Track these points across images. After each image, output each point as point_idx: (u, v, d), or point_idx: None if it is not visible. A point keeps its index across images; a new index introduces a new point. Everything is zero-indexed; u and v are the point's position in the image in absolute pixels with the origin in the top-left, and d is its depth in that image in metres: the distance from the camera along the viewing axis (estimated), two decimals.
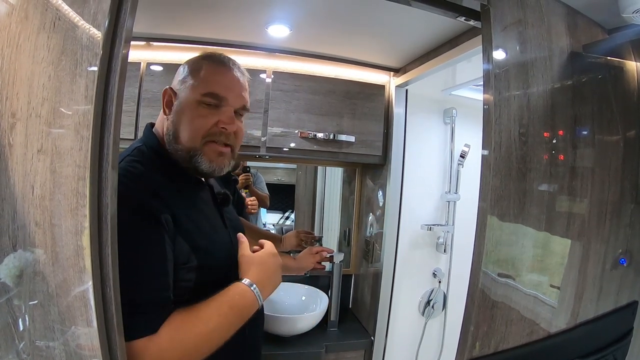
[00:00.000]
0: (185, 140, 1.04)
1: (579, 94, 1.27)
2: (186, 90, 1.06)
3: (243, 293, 0.99)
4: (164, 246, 0.90)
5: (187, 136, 1.04)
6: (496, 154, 1.08)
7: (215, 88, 1.05)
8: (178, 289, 0.95)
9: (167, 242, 0.90)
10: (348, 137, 1.94)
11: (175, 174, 1.06)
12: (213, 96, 1.05)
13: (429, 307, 2.29)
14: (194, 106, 1.04)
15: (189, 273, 0.97)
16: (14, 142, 0.70)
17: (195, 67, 1.08)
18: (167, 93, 1.09)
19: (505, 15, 1.14)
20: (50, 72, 0.70)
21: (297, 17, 1.54)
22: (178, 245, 0.94)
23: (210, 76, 1.06)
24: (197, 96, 1.04)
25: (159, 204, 0.92)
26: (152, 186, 0.96)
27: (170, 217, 0.92)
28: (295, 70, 1.93)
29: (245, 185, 2.26)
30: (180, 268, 0.94)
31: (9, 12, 0.72)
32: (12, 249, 0.71)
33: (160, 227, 0.89)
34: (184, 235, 0.95)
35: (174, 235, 0.93)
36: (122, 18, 0.73)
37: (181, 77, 1.09)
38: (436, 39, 1.63)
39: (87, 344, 0.72)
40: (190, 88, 1.05)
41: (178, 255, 0.94)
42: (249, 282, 1.01)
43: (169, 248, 0.91)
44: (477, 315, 1.11)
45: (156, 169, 1.03)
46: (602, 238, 1.36)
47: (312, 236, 1.95)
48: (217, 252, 1.06)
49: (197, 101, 1.04)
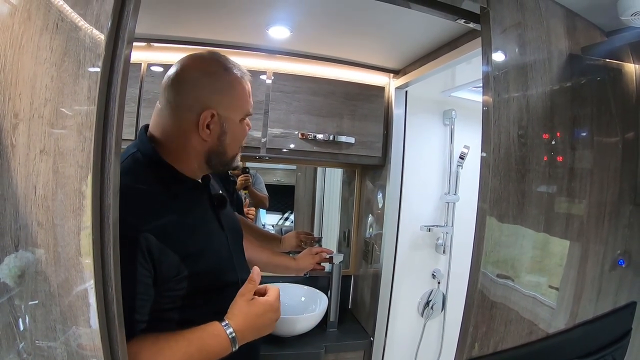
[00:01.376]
0: (231, 153, 1.15)
1: (578, 96, 1.28)
2: (231, 113, 1.11)
3: (218, 336, 0.97)
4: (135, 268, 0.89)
5: (233, 149, 1.16)
6: (495, 155, 1.09)
7: (249, 107, 1.17)
8: (169, 297, 0.97)
9: (141, 262, 0.90)
10: (348, 139, 1.94)
11: (170, 180, 1.07)
12: (248, 114, 1.18)
13: (428, 308, 2.29)
14: (239, 125, 1.15)
15: (180, 283, 0.98)
16: (17, 143, 0.71)
17: (230, 86, 1.11)
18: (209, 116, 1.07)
19: (504, 17, 1.14)
20: (53, 73, 0.70)
21: (297, 18, 1.54)
22: (167, 259, 0.94)
23: (243, 95, 1.14)
24: (240, 116, 1.14)
25: (140, 221, 0.92)
26: (136, 200, 0.94)
27: (152, 235, 0.92)
28: (295, 71, 1.94)
29: (245, 186, 2.26)
30: (170, 281, 0.96)
31: (12, 12, 0.73)
32: (15, 249, 0.71)
33: (134, 248, 0.89)
34: (173, 246, 0.96)
35: (160, 249, 0.93)
36: (124, 20, 0.74)
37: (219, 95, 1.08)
38: (436, 41, 1.63)
39: (88, 343, 0.72)
40: (232, 111, 1.12)
41: (167, 269, 0.94)
42: (227, 326, 0.98)
43: (141, 269, 0.90)
44: (476, 315, 1.11)
45: (150, 176, 1.04)
46: (601, 239, 1.36)
47: (311, 237, 1.96)
48: (210, 257, 1.07)
49: (239, 121, 1.15)
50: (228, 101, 1.10)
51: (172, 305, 0.98)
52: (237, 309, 1.03)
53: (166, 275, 0.94)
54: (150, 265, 0.91)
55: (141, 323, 0.90)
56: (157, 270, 0.93)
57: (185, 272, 0.97)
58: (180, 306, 0.99)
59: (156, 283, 0.93)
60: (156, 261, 0.92)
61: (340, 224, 2.50)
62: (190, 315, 0.99)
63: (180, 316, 1.00)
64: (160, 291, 0.94)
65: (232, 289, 1.09)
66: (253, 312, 1.03)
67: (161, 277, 0.94)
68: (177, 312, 0.99)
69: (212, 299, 1.06)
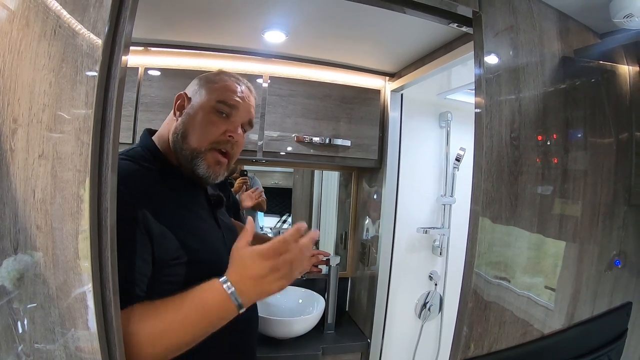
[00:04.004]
0: (192, 142, 1.09)
1: (571, 98, 1.29)
2: (202, 96, 1.13)
3: (216, 290, 0.88)
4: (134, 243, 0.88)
5: (195, 138, 1.09)
6: (487, 157, 1.10)
7: (229, 98, 1.13)
8: (167, 283, 0.94)
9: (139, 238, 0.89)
10: (344, 141, 1.95)
11: (169, 174, 1.09)
12: (226, 104, 1.12)
13: (425, 310, 2.30)
14: (207, 111, 1.11)
15: (179, 268, 0.97)
16: (16, 147, 0.72)
17: (211, 79, 1.17)
18: (181, 97, 1.16)
19: (497, 21, 1.15)
20: (51, 79, 0.71)
21: (293, 23, 1.56)
22: (165, 239, 0.94)
23: (225, 87, 1.15)
24: (211, 102, 1.11)
25: (138, 201, 0.92)
26: (136, 180, 0.98)
27: (149, 213, 0.91)
28: (291, 75, 1.95)
29: (242, 188, 2.26)
30: (169, 264, 0.95)
31: (10, 19, 0.74)
32: (14, 252, 0.72)
33: (132, 224, 0.88)
34: (171, 228, 0.96)
35: (158, 228, 0.92)
36: (121, 26, 0.75)
37: (196, 86, 1.16)
38: (431, 44, 1.65)
39: (86, 346, 0.73)
40: (205, 95, 1.13)
41: (167, 250, 0.94)
42: (224, 281, 0.89)
43: (139, 245, 0.88)
44: (471, 316, 1.12)
45: (148, 165, 1.06)
46: (595, 240, 1.37)
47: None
48: (209, 251, 1.06)
49: (211, 107, 1.11)
50: (202, 86, 1.15)
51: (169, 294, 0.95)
52: (232, 262, 0.94)
53: (164, 257, 0.93)
54: (147, 241, 0.90)
55: (137, 295, 0.86)
56: (154, 249, 0.91)
57: (185, 258, 0.97)
58: None
59: (155, 263, 0.92)
60: (154, 239, 0.91)
61: (337, 226, 2.50)
62: None
63: None
64: (159, 276, 0.93)
65: None
66: (242, 261, 0.92)
67: (159, 259, 0.92)
68: None
69: None
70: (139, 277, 0.88)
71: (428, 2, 1.15)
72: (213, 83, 1.15)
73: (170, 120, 1.16)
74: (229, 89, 1.14)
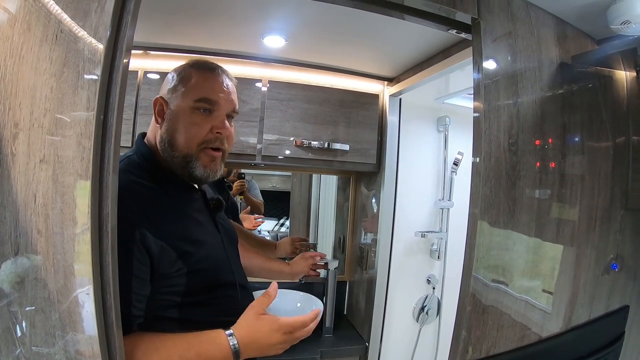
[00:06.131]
0: (182, 147, 1.06)
1: (569, 103, 1.30)
2: (178, 98, 1.08)
3: (220, 344, 0.92)
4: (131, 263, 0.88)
5: (183, 143, 1.06)
6: (486, 162, 1.10)
7: (207, 93, 1.08)
8: (169, 294, 0.96)
9: (137, 257, 0.89)
10: (342, 146, 1.95)
11: (166, 181, 1.09)
12: (206, 101, 1.08)
13: (423, 313, 2.29)
14: (188, 113, 1.07)
15: (179, 279, 0.97)
16: (17, 152, 0.72)
17: (184, 75, 1.11)
18: (158, 102, 1.11)
19: (495, 28, 1.16)
20: (52, 84, 0.72)
21: (292, 28, 1.56)
22: (164, 254, 0.94)
23: (201, 82, 1.09)
24: (190, 103, 1.07)
25: (135, 216, 0.92)
26: (133, 199, 0.95)
27: (148, 230, 0.92)
28: (290, 79, 1.95)
29: (240, 191, 2.26)
30: (170, 276, 0.95)
31: (12, 23, 0.74)
32: (14, 256, 0.72)
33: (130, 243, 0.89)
34: (169, 241, 0.96)
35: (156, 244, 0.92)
36: (122, 31, 0.75)
37: (171, 86, 1.11)
38: (429, 49, 1.65)
39: (86, 349, 0.73)
40: (182, 95, 1.08)
41: (167, 264, 0.94)
42: (231, 336, 0.93)
43: (137, 264, 0.89)
44: (469, 320, 1.12)
45: (145, 176, 1.05)
46: (593, 244, 1.38)
47: (306, 244, 1.96)
48: (207, 257, 1.06)
49: (190, 108, 1.07)
50: (177, 86, 1.10)
51: (172, 303, 0.98)
52: (244, 320, 0.98)
53: (164, 270, 0.94)
54: (147, 260, 0.91)
55: (137, 318, 0.89)
56: (154, 266, 0.92)
57: (185, 269, 0.97)
58: (179, 304, 0.98)
59: (154, 278, 0.93)
60: (153, 256, 0.92)
61: (336, 230, 2.50)
62: (189, 314, 1.00)
63: (180, 315, 0.99)
64: (159, 287, 0.94)
65: (229, 289, 1.10)
66: (259, 327, 0.97)
67: (159, 273, 0.93)
68: (177, 311, 0.99)
69: (211, 298, 1.05)
70: (139, 298, 0.90)
71: (427, 8, 1.16)
72: (187, 80, 1.09)
73: (154, 126, 1.13)
74: (206, 83, 1.10)
